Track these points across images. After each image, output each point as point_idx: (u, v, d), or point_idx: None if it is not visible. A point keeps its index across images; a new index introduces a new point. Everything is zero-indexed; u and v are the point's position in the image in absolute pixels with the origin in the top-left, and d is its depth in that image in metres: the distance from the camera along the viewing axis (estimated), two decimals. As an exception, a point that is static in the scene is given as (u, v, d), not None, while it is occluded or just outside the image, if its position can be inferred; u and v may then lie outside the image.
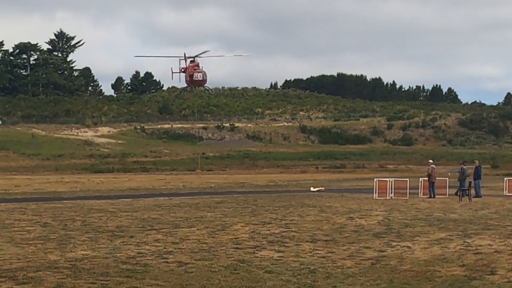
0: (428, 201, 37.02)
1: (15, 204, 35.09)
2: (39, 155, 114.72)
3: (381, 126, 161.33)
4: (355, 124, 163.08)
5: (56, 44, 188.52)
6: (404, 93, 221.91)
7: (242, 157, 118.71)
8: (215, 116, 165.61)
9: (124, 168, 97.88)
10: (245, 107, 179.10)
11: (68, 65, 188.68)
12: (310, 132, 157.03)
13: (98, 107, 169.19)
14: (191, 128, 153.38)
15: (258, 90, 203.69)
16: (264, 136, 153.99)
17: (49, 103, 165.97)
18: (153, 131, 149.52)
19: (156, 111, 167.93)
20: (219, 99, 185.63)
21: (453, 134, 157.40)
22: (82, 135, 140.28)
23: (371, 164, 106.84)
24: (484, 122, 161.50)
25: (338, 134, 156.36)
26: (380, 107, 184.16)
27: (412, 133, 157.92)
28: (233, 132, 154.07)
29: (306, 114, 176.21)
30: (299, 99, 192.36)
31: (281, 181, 65.59)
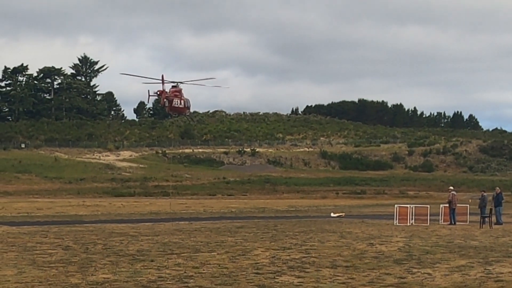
0: (449, 228, 36.91)
1: (37, 227, 35.37)
2: (61, 179, 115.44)
3: (402, 152, 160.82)
4: (376, 150, 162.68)
5: (79, 68, 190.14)
6: (425, 120, 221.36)
7: (263, 182, 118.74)
8: (236, 141, 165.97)
9: (145, 192, 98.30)
10: (266, 132, 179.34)
11: (91, 90, 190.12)
12: (331, 158, 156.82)
13: (120, 131, 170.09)
14: (212, 153, 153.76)
15: (279, 115, 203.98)
16: (284, 161, 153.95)
17: (72, 127, 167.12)
18: (174, 156, 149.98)
19: (178, 135, 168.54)
20: (240, 124, 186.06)
21: (474, 160, 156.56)
22: (104, 159, 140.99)
23: (392, 190, 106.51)
24: (505, 149, 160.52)
25: (358, 160, 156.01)
26: (401, 133, 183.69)
27: (433, 159, 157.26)
28: (254, 157, 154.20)
29: (327, 139, 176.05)
30: (320, 124, 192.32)
31: (302, 206, 65.57)
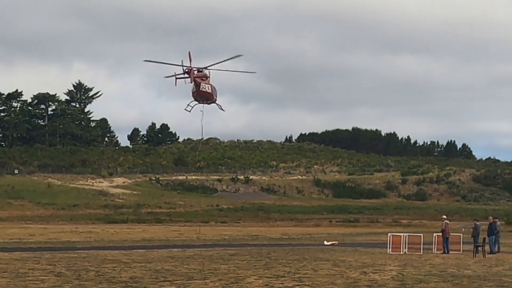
0: (442, 257, 36.93)
1: (29, 253, 35.28)
2: (54, 205, 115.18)
3: (395, 180, 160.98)
4: (369, 179, 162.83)
5: (74, 95, 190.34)
6: (418, 148, 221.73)
7: (256, 209, 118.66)
8: (230, 168, 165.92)
9: (139, 219, 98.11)
10: (259, 160, 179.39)
11: (85, 116, 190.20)
12: (324, 186, 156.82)
13: (114, 158, 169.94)
14: (206, 180, 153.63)
15: (273, 143, 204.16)
16: (278, 189, 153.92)
17: (66, 153, 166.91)
18: (168, 183, 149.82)
19: (171, 162, 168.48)
20: (234, 152, 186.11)
21: (467, 190, 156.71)
22: (98, 186, 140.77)
23: (385, 219, 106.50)
24: (498, 178, 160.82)
25: (352, 188, 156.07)
26: (395, 161, 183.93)
27: (426, 188, 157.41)
28: (248, 184, 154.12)
29: (320, 167, 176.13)
30: (313, 152, 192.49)
31: (295, 234, 65.51)
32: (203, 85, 28.15)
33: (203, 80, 28.22)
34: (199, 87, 28.16)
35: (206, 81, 28.35)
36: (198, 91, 28.25)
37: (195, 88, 28.08)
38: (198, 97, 28.51)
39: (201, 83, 28.07)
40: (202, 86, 28.14)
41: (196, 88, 28.13)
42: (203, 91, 28.23)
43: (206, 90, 28.26)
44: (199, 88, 28.16)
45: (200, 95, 28.36)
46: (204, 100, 28.81)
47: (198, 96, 28.52)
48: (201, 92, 28.25)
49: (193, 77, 27.77)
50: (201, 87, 28.10)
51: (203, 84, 28.16)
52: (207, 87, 28.36)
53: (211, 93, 28.51)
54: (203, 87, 28.19)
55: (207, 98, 28.65)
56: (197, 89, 28.17)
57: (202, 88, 28.18)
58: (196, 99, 28.58)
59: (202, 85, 28.13)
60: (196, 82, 28.07)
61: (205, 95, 28.36)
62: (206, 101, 28.88)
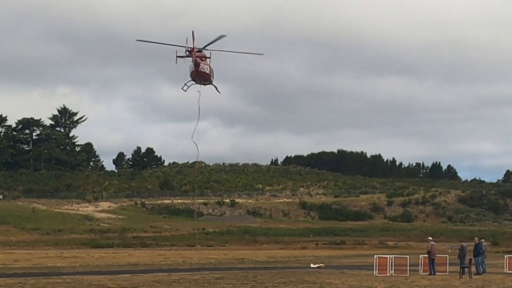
0: (429, 278, 36.96)
1: (14, 279, 35.04)
2: (39, 230, 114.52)
3: (381, 202, 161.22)
4: (355, 201, 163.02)
5: (58, 119, 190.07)
6: (404, 170, 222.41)
7: (242, 233, 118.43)
8: (215, 191, 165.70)
9: (124, 243, 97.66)
10: (245, 183, 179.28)
11: (70, 141, 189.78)
12: (310, 208, 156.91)
13: (99, 182, 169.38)
14: (192, 204, 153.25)
15: (258, 166, 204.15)
16: (264, 212, 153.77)
17: (51, 178, 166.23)
18: (153, 207, 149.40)
19: (157, 186, 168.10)
20: (219, 175, 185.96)
21: (453, 211, 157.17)
22: (83, 210, 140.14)
23: (371, 241, 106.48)
24: (484, 199, 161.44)
25: (338, 210, 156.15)
26: (380, 183, 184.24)
27: (412, 209, 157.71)
28: (234, 207, 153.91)
29: (306, 190, 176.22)
30: (299, 175, 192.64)
31: (281, 257, 65.40)
32: (202, 65, 28.08)
33: (202, 60, 28.14)
34: (198, 67, 28.08)
35: (206, 61, 28.25)
36: (197, 71, 28.16)
37: (194, 68, 28.02)
38: (196, 77, 28.36)
39: (200, 63, 28.00)
40: (201, 67, 28.07)
41: (195, 68, 28.03)
42: (202, 71, 28.16)
43: (205, 71, 28.15)
44: (198, 68, 28.09)
45: (198, 75, 28.27)
46: (201, 81, 28.68)
47: (196, 76, 28.40)
48: (200, 72, 28.19)
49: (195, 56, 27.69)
50: (200, 67, 28.03)
51: (203, 64, 28.10)
52: (206, 67, 28.23)
53: (209, 74, 28.40)
54: (202, 68, 28.10)
55: (205, 79, 28.53)
56: (196, 69, 28.08)
57: (201, 68, 28.10)
58: (194, 79, 28.43)
59: (202, 65, 28.07)
60: (196, 62, 27.93)
61: (203, 76, 28.25)
62: (204, 81, 28.76)
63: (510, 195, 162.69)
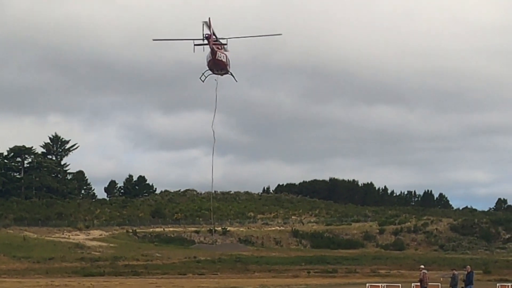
0: (420, 307, 36.97)
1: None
2: (30, 258, 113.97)
3: (373, 231, 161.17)
4: (347, 229, 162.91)
5: (50, 147, 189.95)
6: (395, 198, 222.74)
7: (234, 261, 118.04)
8: (207, 220, 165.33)
9: (116, 271, 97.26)
10: (237, 211, 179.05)
11: (61, 169, 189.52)
12: (302, 237, 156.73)
13: (90, 210, 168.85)
14: (183, 232, 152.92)
15: (250, 194, 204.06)
16: (256, 240, 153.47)
17: (42, 206, 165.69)
18: (145, 235, 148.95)
19: (149, 214, 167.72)
20: (211, 203, 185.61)
21: (445, 239, 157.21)
22: (74, 238, 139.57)
23: (363, 269, 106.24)
24: (475, 228, 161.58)
25: (330, 238, 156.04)
26: (372, 211, 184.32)
27: (404, 238, 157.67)
28: (225, 236, 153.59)
29: (298, 218, 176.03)
30: (291, 203, 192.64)
31: (273, 285, 65.29)
32: (219, 53, 28.22)
33: (219, 49, 28.24)
34: (215, 55, 28.23)
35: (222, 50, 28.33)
36: (214, 59, 28.27)
37: (211, 56, 28.12)
38: (213, 66, 28.46)
39: (217, 52, 28.12)
40: (218, 55, 28.21)
41: (212, 56, 28.14)
42: (219, 59, 28.28)
43: (221, 59, 28.25)
44: (215, 56, 28.22)
45: (215, 64, 28.41)
46: (218, 70, 28.76)
47: (213, 64, 28.52)
48: (216, 61, 28.34)
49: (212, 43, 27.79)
50: (217, 55, 28.16)
51: (219, 52, 28.23)
52: (223, 56, 28.36)
53: (225, 63, 28.55)
54: (219, 56, 28.24)
55: (221, 68, 28.59)
56: (213, 57, 28.19)
57: (218, 56, 28.26)
58: (210, 68, 28.54)
59: (218, 53, 28.21)
60: (213, 50, 28.02)
61: (220, 64, 28.33)
62: (220, 70, 28.81)
63: (502, 223, 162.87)
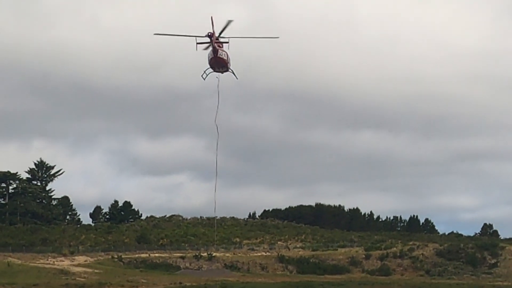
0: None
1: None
2: (14, 284, 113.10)
3: (359, 256, 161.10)
4: (333, 254, 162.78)
5: (35, 173, 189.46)
6: (381, 223, 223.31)
7: (220, 286, 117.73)
8: (192, 245, 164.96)
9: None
10: (223, 237, 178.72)
11: (46, 194, 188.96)
12: (288, 262, 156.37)
13: (75, 236, 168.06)
14: (169, 258, 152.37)
15: (236, 219, 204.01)
16: (242, 266, 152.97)
17: (26, 232, 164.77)
18: (130, 260, 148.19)
19: (134, 240, 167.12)
20: (197, 229, 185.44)
21: (431, 264, 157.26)
22: (59, 264, 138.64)
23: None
24: (461, 253, 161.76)
25: (316, 264, 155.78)
26: (358, 237, 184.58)
27: (390, 263, 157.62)
28: (211, 261, 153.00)
29: (284, 244, 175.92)
30: (277, 229, 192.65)
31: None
32: (220, 51, 29.30)
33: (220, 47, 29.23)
34: (217, 53, 29.44)
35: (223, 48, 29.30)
36: (215, 57, 29.51)
37: (212, 55, 29.15)
38: (214, 64, 29.63)
39: (219, 50, 29.20)
40: (219, 53, 29.33)
41: (214, 54, 29.32)
42: (220, 57, 29.61)
43: (223, 57, 29.43)
44: (217, 54, 29.42)
45: (217, 61, 29.68)
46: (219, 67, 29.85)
47: (215, 62, 29.71)
48: (218, 59, 29.68)
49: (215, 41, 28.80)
50: (219, 53, 29.27)
51: (221, 51, 29.30)
52: (224, 54, 29.50)
53: (227, 61, 29.64)
54: (220, 54, 29.40)
55: (222, 65, 29.70)
56: (215, 55, 29.43)
57: (219, 54, 29.42)
58: (212, 66, 29.69)
59: (220, 51, 29.29)
60: (215, 49, 29.10)
61: (221, 62, 29.61)
62: (222, 68, 29.90)
63: (488, 248, 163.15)
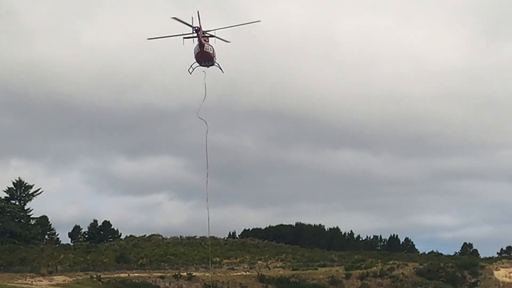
0: None
1: None
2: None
3: (339, 275, 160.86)
4: (314, 274, 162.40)
5: (13, 192, 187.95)
6: (361, 243, 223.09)
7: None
8: (172, 265, 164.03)
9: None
10: (203, 256, 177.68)
11: (25, 214, 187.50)
12: (269, 282, 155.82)
13: (54, 256, 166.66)
14: (148, 277, 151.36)
15: (216, 239, 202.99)
16: (221, 286, 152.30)
17: (4, 252, 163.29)
18: (109, 280, 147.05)
19: (113, 260, 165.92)
20: (176, 248, 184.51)
21: (411, 283, 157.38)
22: (37, 284, 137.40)
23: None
24: (441, 272, 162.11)
25: (296, 283, 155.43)
26: (338, 256, 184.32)
27: (370, 282, 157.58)
28: (191, 281, 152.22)
29: (264, 263, 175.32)
30: (257, 248, 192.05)
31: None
32: (206, 45, 29.88)
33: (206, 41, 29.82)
34: (203, 47, 29.96)
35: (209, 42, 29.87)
36: (202, 51, 30.04)
37: (198, 49, 29.73)
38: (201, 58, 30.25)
39: (205, 44, 29.78)
40: (206, 47, 29.90)
41: (200, 48, 29.88)
42: (206, 51, 30.10)
43: (209, 51, 29.96)
44: (203, 48, 29.96)
45: (203, 55, 30.36)
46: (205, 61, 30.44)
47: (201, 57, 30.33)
48: (204, 53, 30.29)
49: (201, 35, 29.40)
50: (205, 47, 29.84)
51: (207, 45, 29.89)
52: (210, 48, 30.05)
53: (212, 54, 30.28)
54: (206, 48, 29.94)
55: (208, 59, 30.28)
56: (201, 50, 30.03)
57: (206, 48, 29.99)
58: (198, 60, 30.26)
59: (206, 46, 29.87)
60: (201, 43, 29.71)
61: (207, 56, 30.18)
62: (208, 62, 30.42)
63: (468, 267, 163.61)
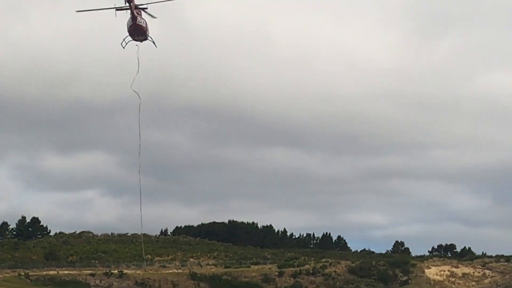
0: None
1: None
2: None
3: (272, 273, 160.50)
4: (246, 271, 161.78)
5: None
6: (294, 241, 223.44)
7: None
8: (103, 262, 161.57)
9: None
10: (134, 253, 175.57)
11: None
12: (200, 279, 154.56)
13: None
14: (78, 275, 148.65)
15: (148, 236, 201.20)
16: (153, 283, 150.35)
17: None
18: (38, 278, 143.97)
19: (42, 257, 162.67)
20: (107, 245, 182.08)
21: (343, 281, 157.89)
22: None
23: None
24: (373, 270, 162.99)
25: (229, 281, 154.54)
26: (271, 254, 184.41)
27: (302, 280, 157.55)
28: (122, 279, 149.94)
29: (196, 261, 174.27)
30: (189, 245, 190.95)
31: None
32: (139, 19, 29.39)
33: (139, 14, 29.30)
34: (136, 20, 29.57)
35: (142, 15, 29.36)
36: (134, 24, 29.59)
37: (131, 22, 29.26)
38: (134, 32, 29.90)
39: (137, 17, 29.33)
40: (138, 20, 29.44)
41: (133, 21, 29.45)
42: (139, 24, 29.72)
43: (142, 25, 29.54)
44: (136, 21, 29.54)
45: (136, 29, 29.95)
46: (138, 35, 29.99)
47: (134, 30, 29.95)
48: (138, 26, 29.87)
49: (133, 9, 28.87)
50: (138, 20, 29.39)
51: (139, 18, 29.40)
52: (143, 21, 29.58)
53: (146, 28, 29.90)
54: (139, 21, 29.47)
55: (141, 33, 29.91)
56: (134, 23, 29.61)
57: (138, 21, 29.58)
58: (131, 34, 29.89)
59: (139, 19, 29.41)
60: (134, 15, 29.20)
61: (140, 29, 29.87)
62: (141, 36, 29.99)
63: (399, 265, 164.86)
